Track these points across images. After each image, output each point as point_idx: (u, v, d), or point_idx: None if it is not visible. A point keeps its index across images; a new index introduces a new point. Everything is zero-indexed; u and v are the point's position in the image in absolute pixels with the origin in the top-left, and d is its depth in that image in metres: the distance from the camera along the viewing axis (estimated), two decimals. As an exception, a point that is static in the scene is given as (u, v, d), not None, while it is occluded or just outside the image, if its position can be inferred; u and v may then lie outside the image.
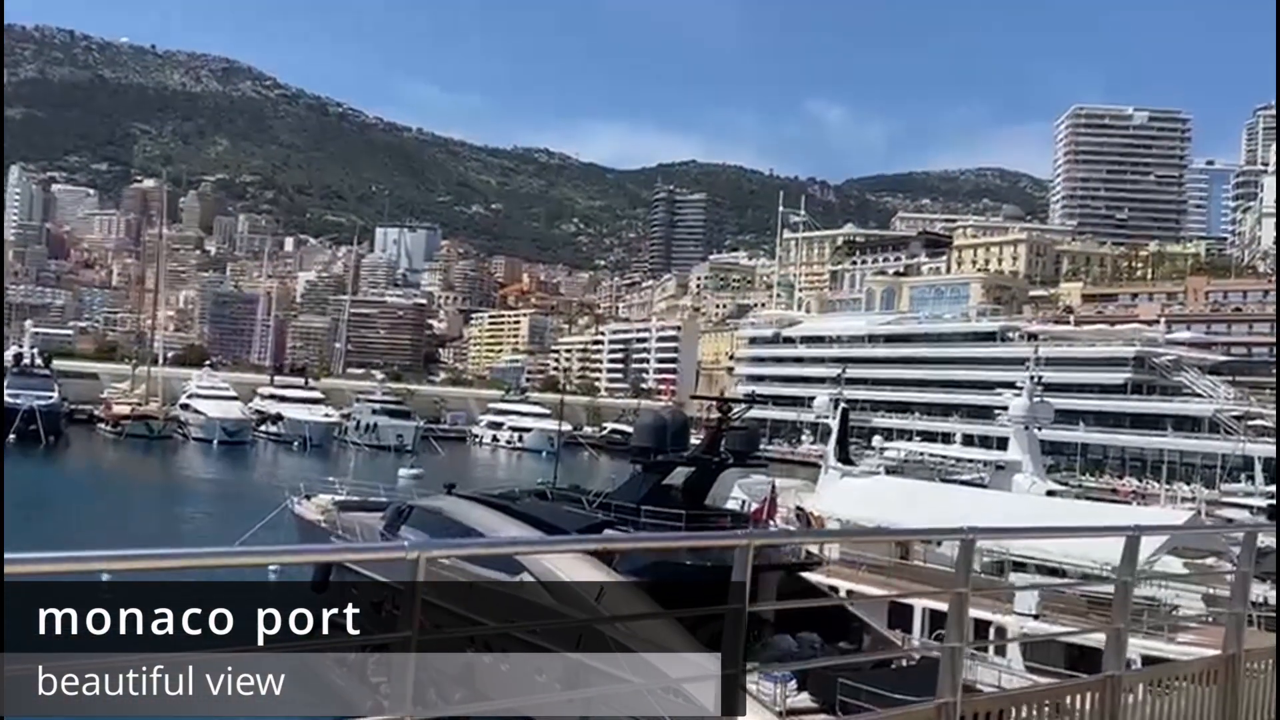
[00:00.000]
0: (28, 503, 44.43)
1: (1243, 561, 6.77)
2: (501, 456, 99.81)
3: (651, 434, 18.86)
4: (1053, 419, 28.80)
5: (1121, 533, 5.75)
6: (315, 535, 25.84)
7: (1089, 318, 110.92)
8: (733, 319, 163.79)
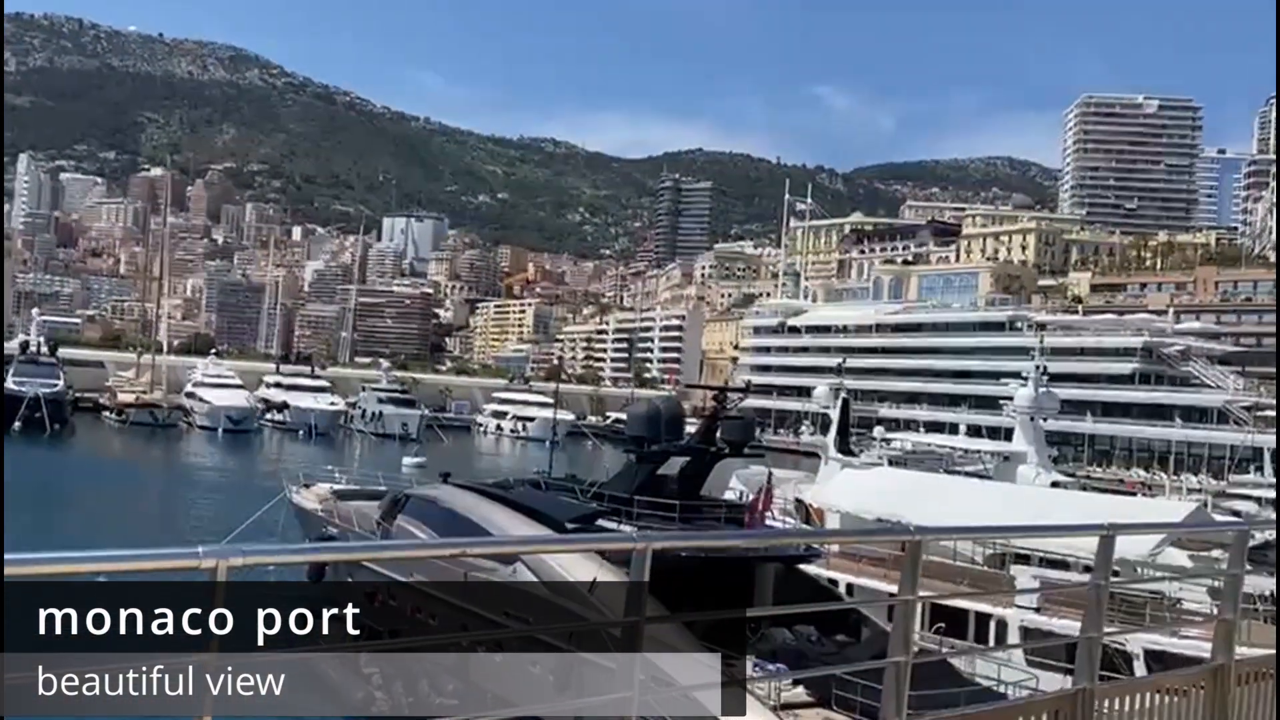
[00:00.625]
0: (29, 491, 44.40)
1: (1232, 562, 6.09)
2: (505, 445, 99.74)
3: (645, 424, 18.62)
4: (1059, 409, 28.45)
5: (1094, 531, 5.14)
6: (313, 524, 25.68)
7: (1098, 307, 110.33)
8: (738, 308, 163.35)
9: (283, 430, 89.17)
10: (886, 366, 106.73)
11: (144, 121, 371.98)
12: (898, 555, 22.65)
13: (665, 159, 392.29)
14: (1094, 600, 5.13)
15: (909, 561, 4.55)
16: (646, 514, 17.64)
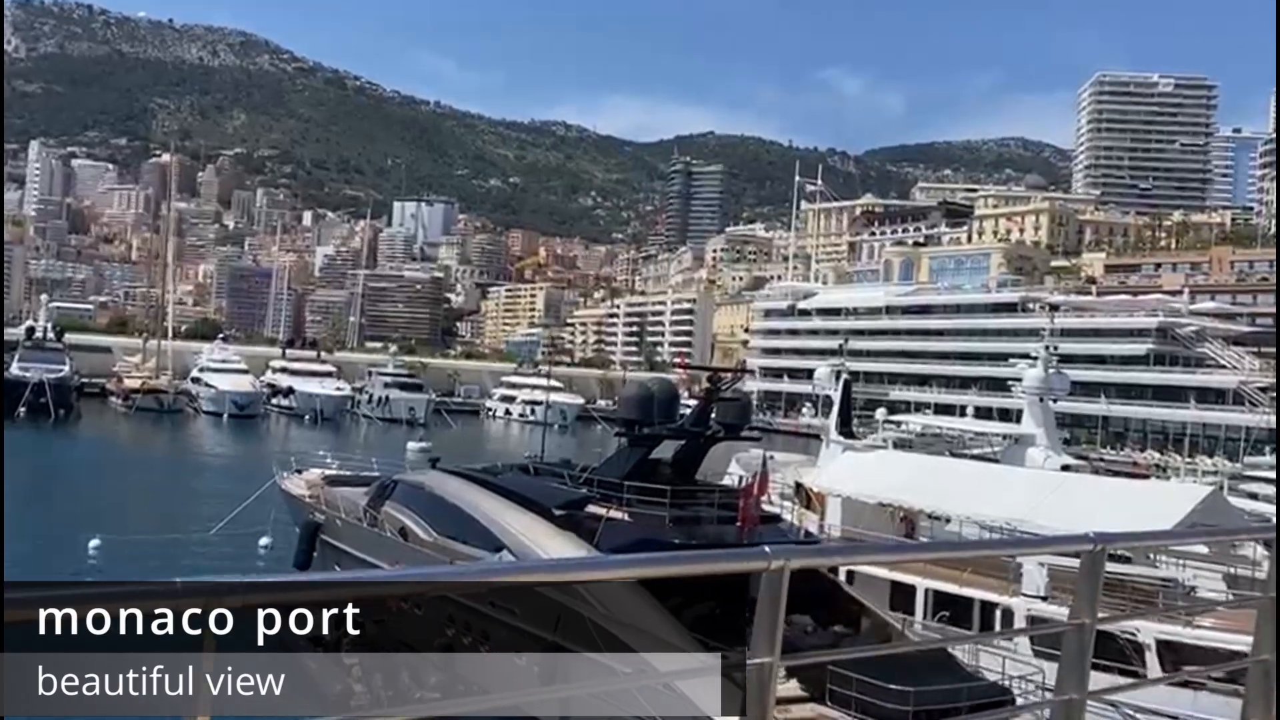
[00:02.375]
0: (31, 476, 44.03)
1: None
2: (514, 429, 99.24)
3: (636, 406, 17.92)
4: (1068, 390, 27.63)
5: (1078, 544, 3.96)
6: (301, 510, 25.10)
7: (1111, 288, 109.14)
8: (749, 291, 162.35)
9: (288, 415, 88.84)
10: (896, 349, 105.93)
11: (155, 108, 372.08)
12: (900, 541, 21.93)
13: (677, 142, 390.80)
14: (1074, 642, 3.83)
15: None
16: (637, 499, 16.97)
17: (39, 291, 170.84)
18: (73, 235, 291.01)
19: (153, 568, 26.43)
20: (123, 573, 25.39)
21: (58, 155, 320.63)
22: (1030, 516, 20.29)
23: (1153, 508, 19.88)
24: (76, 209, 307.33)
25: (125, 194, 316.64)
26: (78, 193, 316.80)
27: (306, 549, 23.19)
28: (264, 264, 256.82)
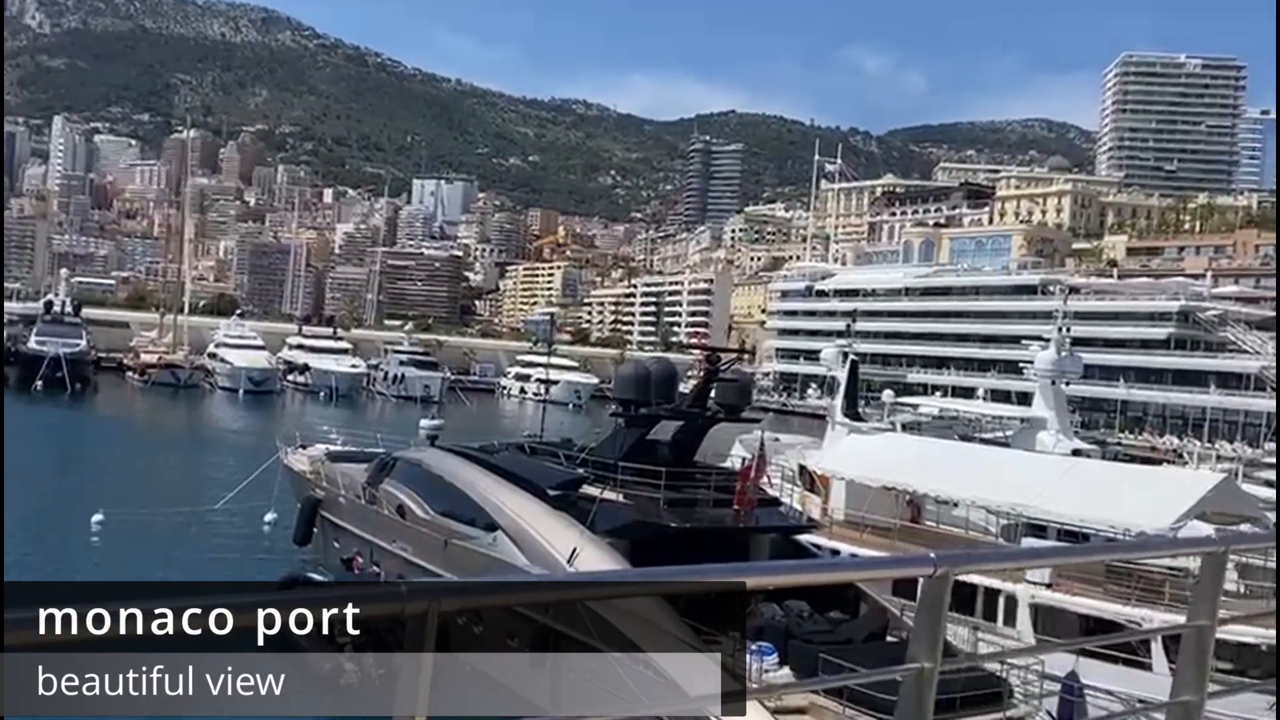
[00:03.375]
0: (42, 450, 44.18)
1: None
2: (529, 408, 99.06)
3: (632, 385, 17.63)
4: (1081, 373, 27.13)
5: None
6: (302, 486, 25.01)
7: (1133, 271, 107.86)
8: (766, 272, 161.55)
9: (304, 392, 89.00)
10: (914, 331, 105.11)
11: (177, 83, 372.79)
12: (904, 525, 21.62)
13: (697, 121, 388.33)
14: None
15: (1211, 578, 3.40)
16: (632, 480, 16.71)
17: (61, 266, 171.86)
18: (95, 211, 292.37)
19: (150, 543, 26.39)
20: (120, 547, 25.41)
21: (81, 131, 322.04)
22: (1037, 502, 19.95)
23: (1162, 494, 19.49)
24: (99, 184, 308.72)
25: (147, 170, 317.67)
26: (100, 168, 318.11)
27: (306, 525, 23.11)
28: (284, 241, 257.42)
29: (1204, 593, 3.41)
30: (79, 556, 24.34)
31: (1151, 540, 17.50)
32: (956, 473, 21.58)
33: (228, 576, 23.54)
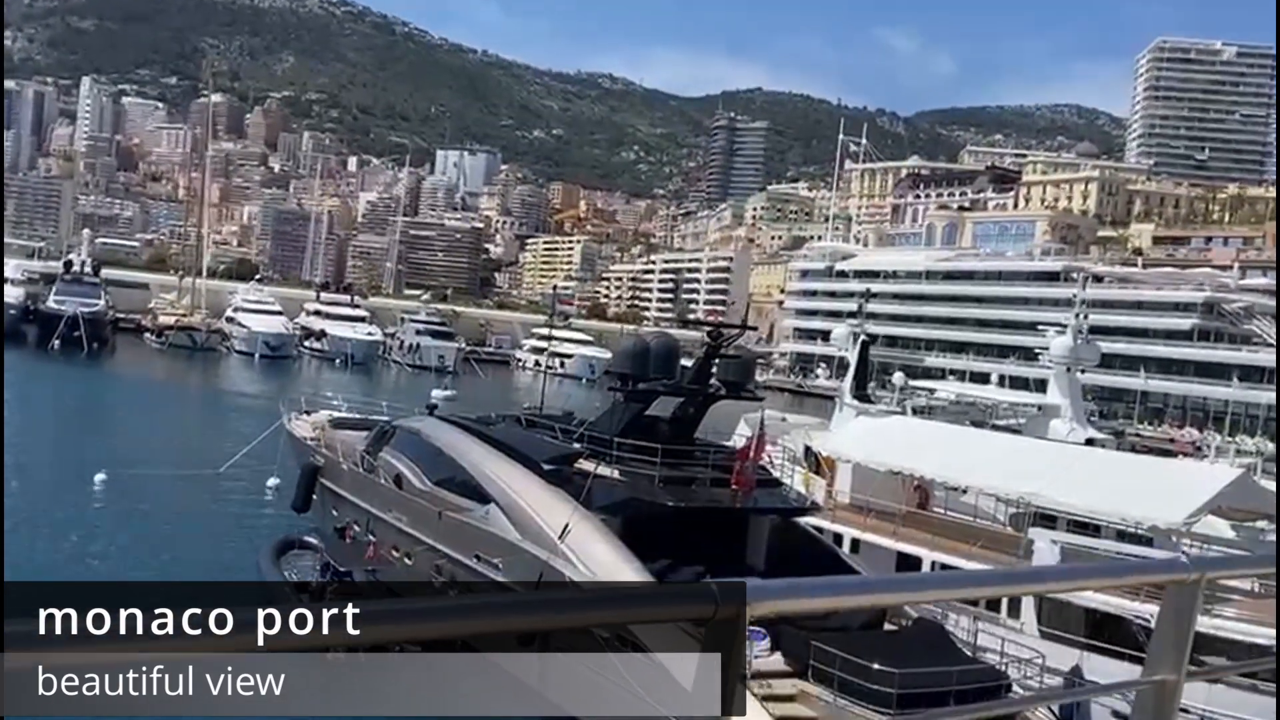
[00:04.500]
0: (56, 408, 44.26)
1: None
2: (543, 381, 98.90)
3: (631, 360, 17.22)
4: (1098, 361, 26.51)
5: (1169, 573, 2.83)
6: (304, 453, 24.78)
7: (1158, 260, 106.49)
8: (787, 251, 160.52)
9: (320, 358, 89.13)
10: (933, 314, 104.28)
11: (205, 48, 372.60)
12: (909, 511, 21.18)
13: (723, 97, 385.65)
14: (1153, 702, 2.81)
15: (1175, 616, 2.73)
16: (629, 457, 16.33)
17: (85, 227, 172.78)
18: (121, 172, 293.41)
19: (150, 503, 26.26)
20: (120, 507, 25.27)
21: (109, 92, 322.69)
22: (1048, 491, 19.45)
23: (1177, 487, 18.94)
24: (125, 146, 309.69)
25: (174, 133, 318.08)
26: (127, 130, 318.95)
27: (305, 491, 22.89)
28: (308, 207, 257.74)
29: (1164, 635, 2.68)
30: (77, 515, 24.21)
31: (1109, 567, 16.94)
32: (966, 459, 21.09)
33: (225, 540, 23.39)
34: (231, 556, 21.44)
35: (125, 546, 22.14)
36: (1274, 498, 21.58)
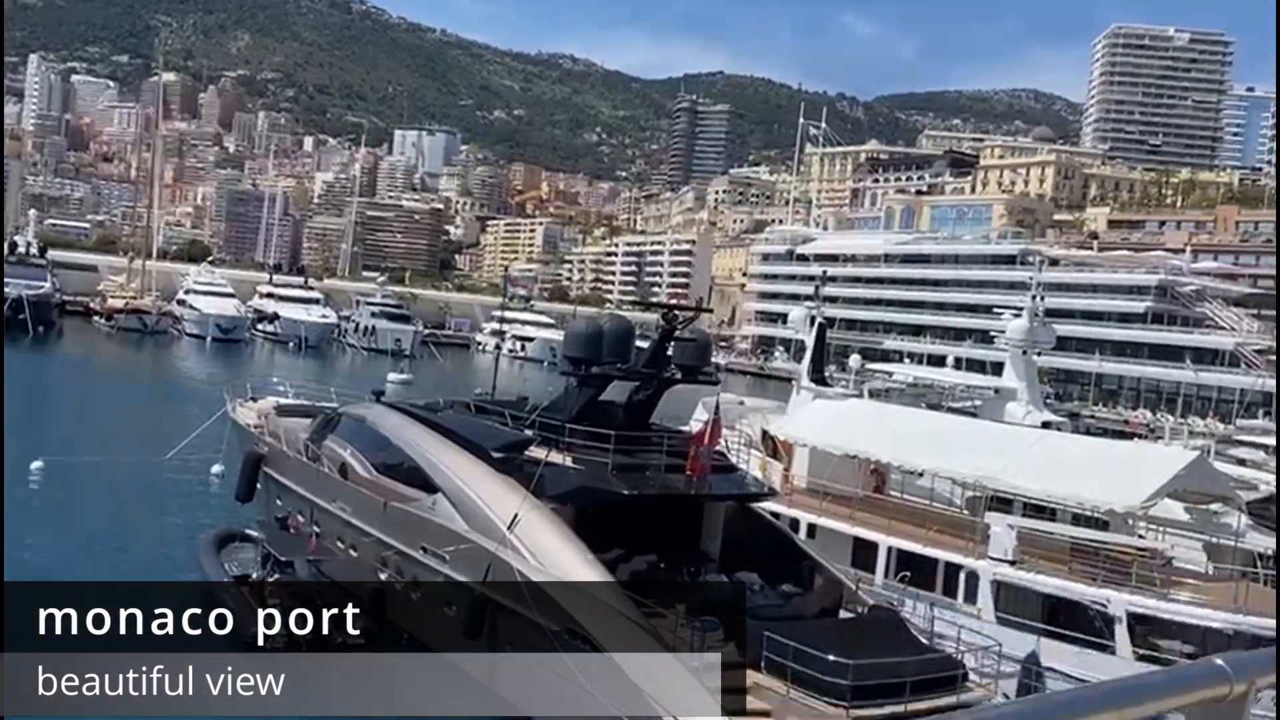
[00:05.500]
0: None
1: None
2: (504, 365, 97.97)
3: (583, 344, 16.74)
4: (1053, 344, 26.45)
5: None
6: (248, 440, 24.09)
7: (1113, 244, 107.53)
8: (749, 234, 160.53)
9: (273, 341, 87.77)
10: (892, 298, 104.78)
11: (157, 25, 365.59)
12: (865, 495, 20.94)
13: (685, 81, 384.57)
14: None
15: None
16: (581, 444, 15.89)
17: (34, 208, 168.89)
18: (71, 152, 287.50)
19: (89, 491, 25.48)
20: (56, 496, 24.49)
21: (57, 70, 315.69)
22: (1004, 474, 19.29)
23: (1134, 471, 18.83)
24: (75, 126, 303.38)
25: (125, 112, 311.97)
26: (77, 109, 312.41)
27: (249, 481, 22.24)
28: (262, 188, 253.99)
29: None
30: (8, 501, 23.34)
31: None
32: (922, 442, 20.88)
33: (166, 530, 22.71)
34: (172, 547, 20.79)
35: (60, 536, 21.40)
36: (1228, 480, 21.59)
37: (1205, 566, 18.80)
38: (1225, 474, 21.92)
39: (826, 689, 11.95)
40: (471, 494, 15.89)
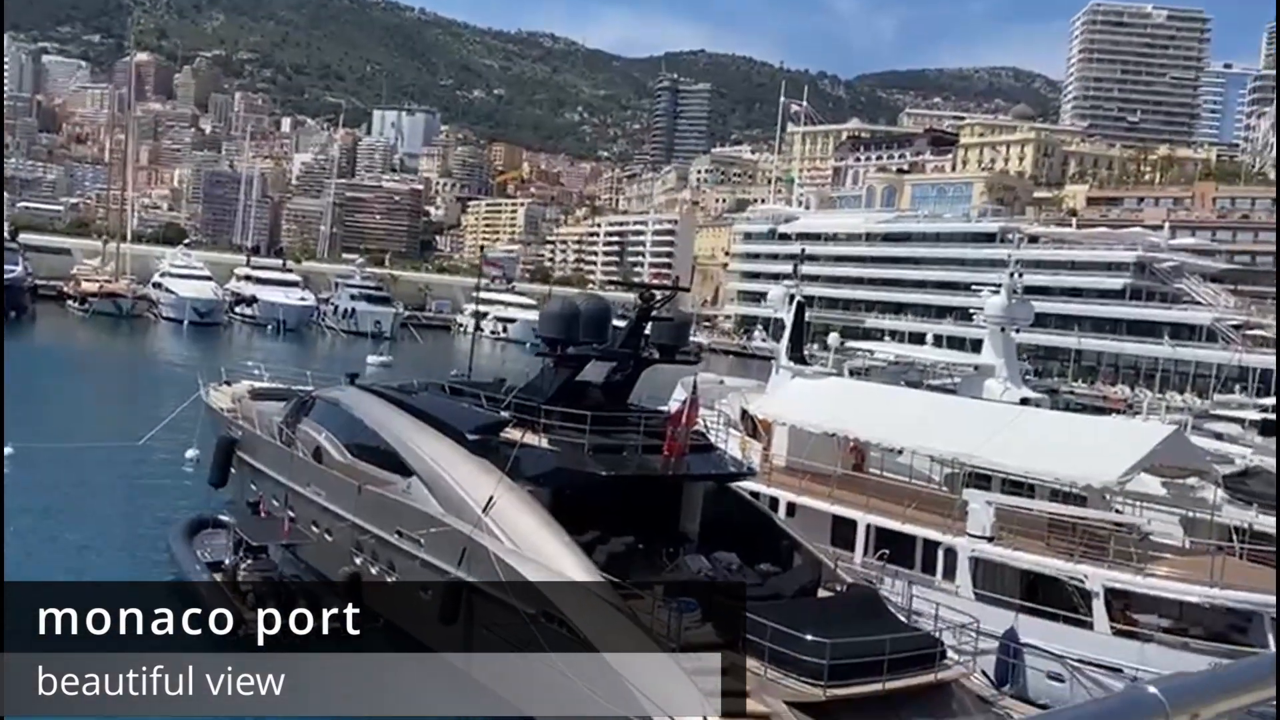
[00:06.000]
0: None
1: None
2: (485, 347, 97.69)
3: (559, 324, 16.59)
4: (1031, 320, 26.44)
5: None
6: (222, 425, 23.85)
7: (1092, 220, 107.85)
8: (732, 214, 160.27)
9: (251, 324, 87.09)
10: (874, 276, 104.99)
11: (129, 4, 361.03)
12: (844, 473, 20.90)
13: (666, 60, 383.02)
14: None
15: None
16: (557, 425, 15.76)
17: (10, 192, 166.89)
18: (43, 134, 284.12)
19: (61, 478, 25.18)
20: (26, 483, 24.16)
21: (28, 50, 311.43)
22: (982, 451, 19.28)
23: (1111, 446, 18.84)
24: (47, 107, 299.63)
25: (98, 93, 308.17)
26: (49, 90, 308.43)
27: (222, 466, 22.04)
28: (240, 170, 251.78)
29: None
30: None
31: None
32: (901, 419, 20.85)
33: (138, 516, 22.47)
34: (144, 534, 20.55)
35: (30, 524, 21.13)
36: (1204, 454, 21.65)
37: (1182, 541, 18.85)
38: (1202, 448, 21.98)
39: (804, 668, 11.90)
40: (446, 477, 15.74)
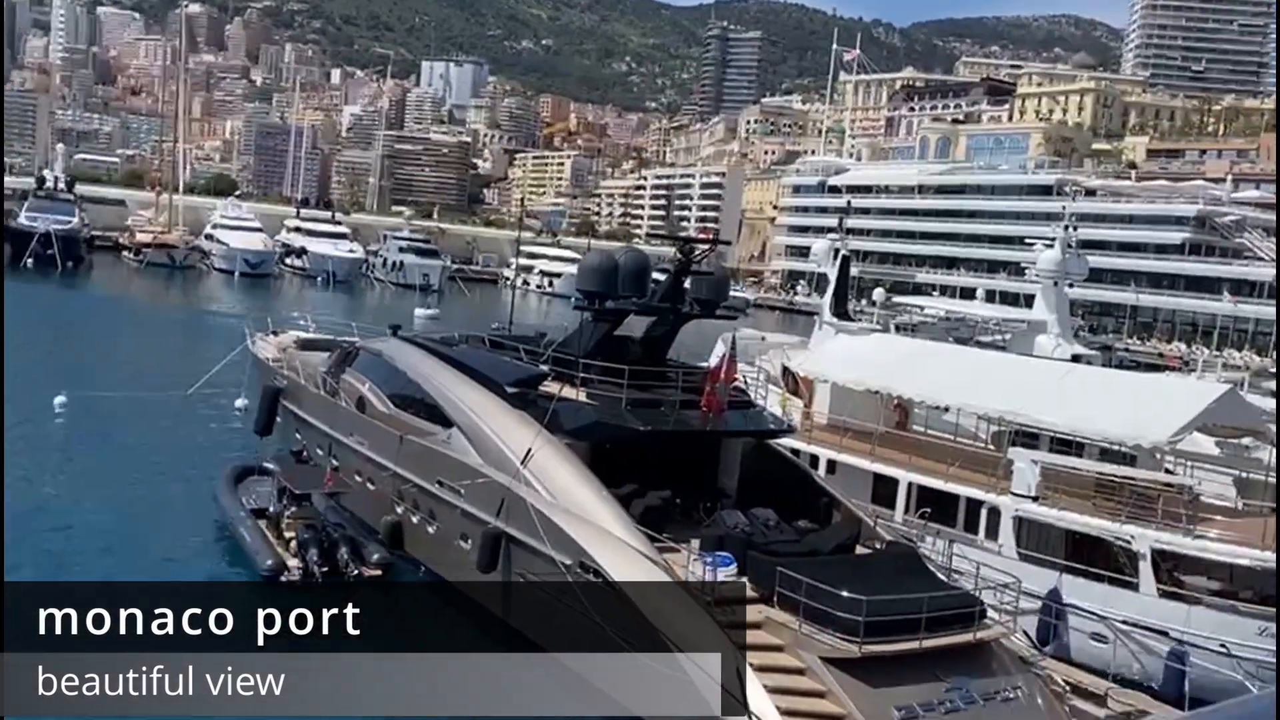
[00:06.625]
0: (25, 327, 43.27)
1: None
2: (531, 301, 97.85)
3: (598, 277, 16.44)
4: (1085, 275, 25.73)
5: None
6: (266, 374, 24.11)
7: (1152, 173, 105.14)
8: (780, 166, 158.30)
9: (301, 276, 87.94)
10: (926, 230, 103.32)
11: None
12: (886, 431, 20.64)
13: (716, 7, 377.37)
14: None
15: None
16: (595, 379, 15.69)
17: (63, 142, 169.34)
18: (100, 86, 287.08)
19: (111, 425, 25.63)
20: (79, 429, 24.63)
21: (83, 3, 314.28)
22: (1030, 409, 18.91)
23: (1163, 404, 18.39)
24: (103, 59, 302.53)
25: (152, 45, 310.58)
26: (104, 41, 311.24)
27: (268, 415, 22.27)
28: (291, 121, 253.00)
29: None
30: (32, 436, 23.54)
31: None
32: (946, 376, 20.49)
33: (187, 463, 22.82)
34: (192, 482, 20.88)
35: (81, 471, 21.55)
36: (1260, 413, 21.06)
37: (1235, 502, 18.44)
38: (1258, 407, 21.37)
39: (840, 624, 11.80)
40: (486, 428, 15.77)
